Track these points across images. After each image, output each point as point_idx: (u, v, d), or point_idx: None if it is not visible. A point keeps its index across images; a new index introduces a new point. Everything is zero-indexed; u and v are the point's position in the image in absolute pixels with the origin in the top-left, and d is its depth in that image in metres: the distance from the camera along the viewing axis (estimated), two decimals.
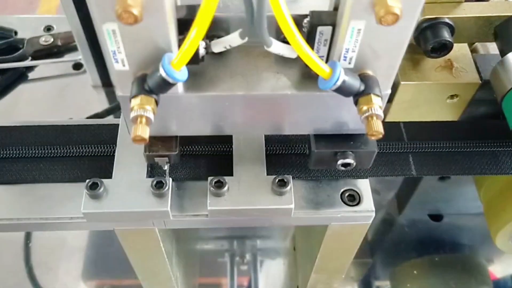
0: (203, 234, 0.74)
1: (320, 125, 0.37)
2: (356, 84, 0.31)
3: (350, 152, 0.38)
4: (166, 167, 0.40)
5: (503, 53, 0.44)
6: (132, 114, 0.31)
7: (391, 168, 0.44)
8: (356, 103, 0.32)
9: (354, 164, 0.38)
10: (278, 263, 0.72)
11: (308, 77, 0.34)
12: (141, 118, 0.30)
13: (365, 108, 0.31)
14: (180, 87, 0.33)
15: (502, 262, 0.72)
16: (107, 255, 0.71)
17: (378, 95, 0.32)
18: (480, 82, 0.47)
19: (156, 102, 0.31)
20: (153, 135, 0.37)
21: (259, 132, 0.42)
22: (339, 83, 0.30)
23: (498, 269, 0.71)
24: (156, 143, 0.38)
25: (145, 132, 0.30)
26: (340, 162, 0.38)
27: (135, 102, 0.31)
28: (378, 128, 0.31)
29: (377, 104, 0.31)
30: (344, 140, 0.38)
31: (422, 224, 0.72)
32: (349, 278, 0.71)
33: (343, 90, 0.31)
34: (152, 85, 0.30)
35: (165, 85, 0.30)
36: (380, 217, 0.74)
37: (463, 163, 0.45)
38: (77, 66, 0.85)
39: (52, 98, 0.82)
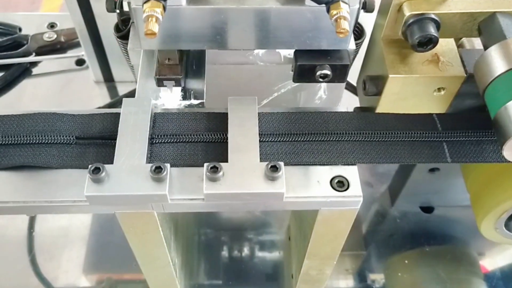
0: (201, 226, 0.76)
1: (302, 40, 0.45)
2: None
3: (328, 65, 0.45)
4: (171, 91, 0.48)
5: (486, 47, 0.46)
6: (145, 15, 0.39)
7: (379, 156, 0.46)
8: (328, 10, 0.40)
9: (331, 75, 0.45)
10: (274, 253, 0.74)
11: None
12: (151, 17, 0.38)
13: (335, 12, 0.39)
14: (183, 0, 0.41)
15: (492, 254, 0.74)
16: (108, 244, 0.73)
17: (345, 3, 0.40)
18: (465, 75, 0.49)
19: (164, 7, 0.40)
20: (162, 63, 0.48)
21: (250, 47, 0.47)
22: None
23: (487, 261, 0.73)
24: (165, 69, 0.48)
25: (155, 27, 0.38)
26: (318, 73, 0.45)
27: (146, 5, 0.39)
28: (345, 26, 0.39)
29: (344, 9, 0.39)
30: (322, 55, 0.46)
31: (414, 216, 0.75)
32: (344, 271, 0.73)
33: None
34: None
35: None
36: (373, 209, 0.76)
37: (450, 152, 0.47)
38: (80, 62, 0.87)
39: (55, 93, 0.85)
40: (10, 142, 0.45)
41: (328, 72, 0.46)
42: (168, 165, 0.42)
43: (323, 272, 0.58)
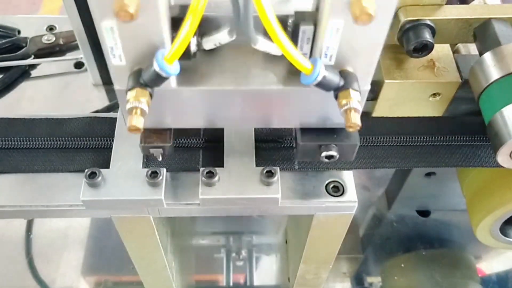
0: (198, 229, 0.76)
1: (306, 119, 0.40)
2: (335, 79, 0.34)
3: (334, 145, 0.40)
4: (160, 158, 0.43)
5: (481, 53, 0.47)
6: (128, 106, 0.33)
7: (375, 161, 0.46)
8: (336, 97, 0.34)
9: (337, 156, 0.40)
10: (271, 256, 0.74)
11: (293, 73, 0.36)
12: (136, 110, 0.33)
13: (344, 102, 0.34)
14: (173, 82, 0.36)
15: (488, 257, 0.74)
16: (106, 248, 0.73)
17: (356, 90, 0.34)
18: (461, 81, 0.49)
19: (151, 95, 0.34)
20: (149, 128, 0.40)
21: (248, 125, 0.44)
22: (319, 78, 0.33)
23: (484, 264, 0.73)
24: (151, 135, 0.41)
25: (139, 122, 0.33)
26: (324, 154, 0.40)
27: (130, 94, 0.33)
28: (356, 120, 0.33)
29: (355, 98, 0.34)
30: (328, 133, 0.40)
31: (410, 219, 0.75)
32: (341, 274, 0.73)
33: (323, 85, 0.33)
34: (146, 79, 0.33)
35: (158, 78, 0.32)
36: (370, 212, 0.76)
37: (445, 156, 0.47)
38: (79, 64, 0.87)
39: (54, 95, 0.85)
40: (6, 146, 0.45)
41: (334, 153, 0.40)
42: (164, 169, 0.42)
43: (319, 276, 0.58)
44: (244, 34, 0.32)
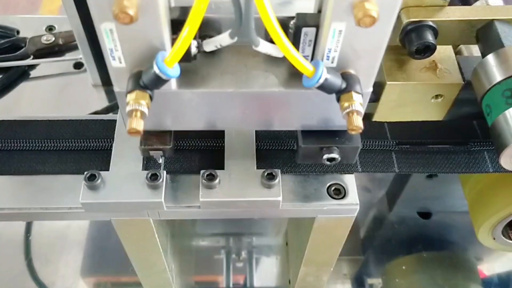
0: (199, 230, 0.76)
1: (307, 121, 0.39)
2: (337, 82, 0.33)
3: (335, 147, 0.39)
4: (160, 160, 0.42)
5: (484, 55, 0.46)
6: (128, 108, 0.32)
7: (375, 165, 0.46)
8: (338, 100, 0.34)
9: (339, 159, 0.40)
10: (271, 258, 0.74)
11: (295, 75, 0.35)
12: (136, 112, 0.32)
13: (346, 104, 0.33)
14: (173, 84, 0.35)
15: (490, 259, 0.74)
16: (105, 249, 0.73)
17: (358, 93, 0.34)
18: (463, 82, 0.49)
19: (151, 97, 0.33)
20: (149, 130, 0.40)
21: (249, 128, 0.44)
22: (321, 81, 0.32)
23: (485, 266, 0.73)
24: (151, 137, 0.40)
25: (139, 125, 0.32)
26: (325, 156, 0.40)
27: (130, 97, 0.33)
28: (358, 123, 0.33)
29: (357, 101, 0.33)
30: (329, 136, 0.40)
31: (412, 221, 0.75)
32: (342, 275, 0.73)
33: (325, 88, 0.33)
34: (146, 81, 0.32)
35: (158, 81, 0.32)
36: (370, 214, 0.76)
37: (444, 162, 0.47)
38: (78, 65, 0.86)
39: (53, 96, 0.84)
40: (5, 148, 0.45)
41: (336, 156, 0.40)
42: (164, 172, 0.42)
43: (319, 278, 0.58)
44: (245, 36, 0.32)
